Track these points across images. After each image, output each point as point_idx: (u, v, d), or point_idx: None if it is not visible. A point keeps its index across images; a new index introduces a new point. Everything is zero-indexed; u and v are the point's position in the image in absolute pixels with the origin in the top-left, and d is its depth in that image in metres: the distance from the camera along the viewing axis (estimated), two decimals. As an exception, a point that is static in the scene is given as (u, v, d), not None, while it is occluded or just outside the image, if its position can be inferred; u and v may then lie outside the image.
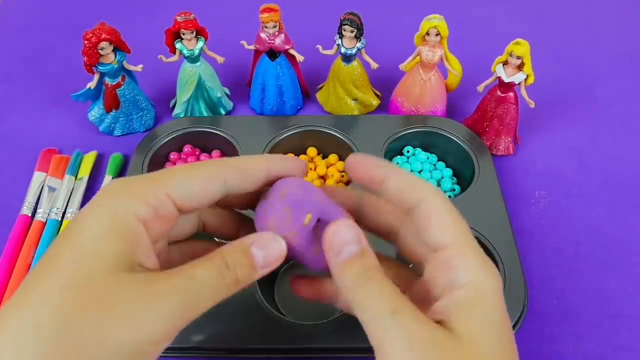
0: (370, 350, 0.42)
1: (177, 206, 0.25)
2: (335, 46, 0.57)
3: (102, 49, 0.53)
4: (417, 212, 0.25)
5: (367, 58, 0.58)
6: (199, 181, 0.25)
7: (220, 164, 0.26)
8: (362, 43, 0.56)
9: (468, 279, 0.24)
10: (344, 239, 0.24)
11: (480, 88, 0.56)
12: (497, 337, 0.23)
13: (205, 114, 0.60)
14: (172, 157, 0.56)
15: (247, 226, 0.31)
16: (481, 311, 0.23)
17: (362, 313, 0.24)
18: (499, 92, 0.55)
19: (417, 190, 0.25)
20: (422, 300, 0.25)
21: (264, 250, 0.25)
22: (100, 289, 0.21)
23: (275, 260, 0.26)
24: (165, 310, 0.22)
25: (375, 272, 0.24)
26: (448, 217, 0.25)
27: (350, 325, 0.42)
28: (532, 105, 0.55)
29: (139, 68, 0.57)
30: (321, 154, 0.58)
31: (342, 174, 0.55)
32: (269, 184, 0.28)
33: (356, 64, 0.58)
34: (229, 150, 0.56)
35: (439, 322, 0.24)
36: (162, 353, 0.43)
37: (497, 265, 0.45)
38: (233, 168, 0.26)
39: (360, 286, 0.24)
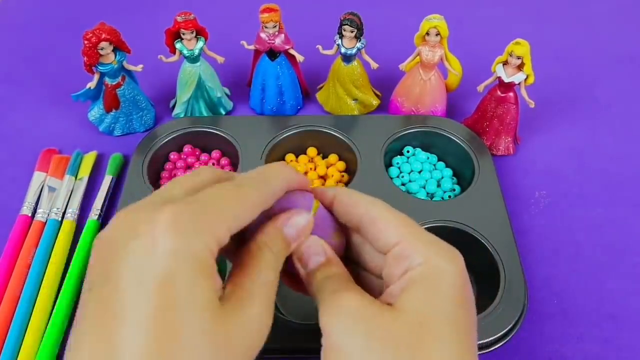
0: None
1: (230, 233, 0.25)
2: (335, 46, 0.57)
3: (102, 49, 0.53)
4: (363, 224, 0.28)
5: (367, 58, 0.58)
6: (249, 212, 0.25)
7: (264, 189, 0.26)
8: (362, 43, 0.56)
9: (419, 261, 0.25)
10: (310, 252, 0.27)
11: (480, 88, 0.56)
12: (443, 311, 0.24)
13: (205, 114, 0.60)
14: (172, 157, 0.56)
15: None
16: (429, 285, 0.25)
17: (333, 315, 0.26)
18: (499, 92, 0.55)
19: (355, 206, 0.28)
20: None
21: (296, 227, 0.27)
22: (214, 334, 0.22)
23: (304, 233, 0.28)
24: (260, 325, 0.25)
25: (342, 278, 0.27)
26: (392, 219, 0.27)
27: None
28: (532, 105, 0.55)
29: (139, 68, 0.57)
30: (321, 154, 0.58)
31: (342, 174, 0.55)
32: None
33: (356, 64, 0.58)
34: (229, 150, 0.56)
35: (389, 305, 0.25)
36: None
37: (497, 265, 0.45)
38: (273, 192, 0.27)
39: (326, 290, 0.26)
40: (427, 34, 0.54)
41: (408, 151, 0.57)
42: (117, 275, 0.21)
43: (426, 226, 0.48)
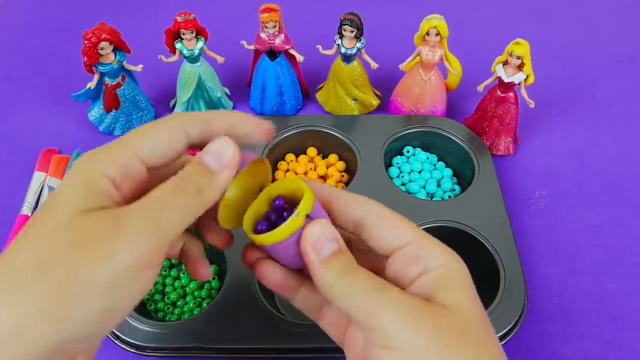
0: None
1: (145, 164, 0.25)
2: (335, 46, 0.57)
3: (102, 49, 0.53)
4: (366, 223, 0.27)
5: (367, 58, 0.58)
6: (161, 136, 0.25)
7: (181, 116, 0.26)
8: (362, 43, 0.56)
9: (439, 262, 0.26)
10: (325, 238, 0.26)
11: (480, 88, 0.56)
12: (477, 306, 0.25)
13: (205, 114, 0.60)
14: (172, 157, 0.56)
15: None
16: (459, 285, 0.25)
17: (348, 299, 0.25)
18: (499, 92, 0.55)
19: (357, 205, 0.28)
20: None
21: (214, 154, 0.26)
22: (70, 228, 0.22)
23: (230, 159, 0.26)
24: (135, 232, 0.22)
25: (354, 265, 0.26)
26: (397, 219, 0.27)
27: (350, 325, 0.42)
28: (532, 105, 0.55)
29: (139, 68, 0.57)
30: (321, 154, 0.58)
31: (342, 174, 0.55)
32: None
33: (356, 64, 0.58)
34: (229, 150, 0.56)
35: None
36: (162, 353, 0.43)
37: (497, 265, 0.45)
38: (194, 119, 0.26)
39: (343, 278, 0.25)
40: (427, 34, 0.54)
41: (408, 151, 0.57)
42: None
43: (426, 226, 0.48)
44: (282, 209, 0.28)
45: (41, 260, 0.21)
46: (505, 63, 0.53)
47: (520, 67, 0.52)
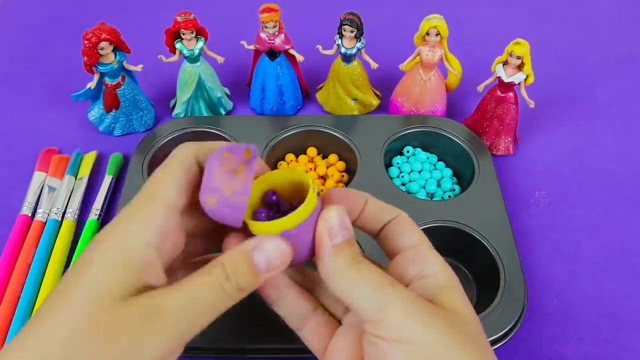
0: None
1: (177, 209, 0.25)
2: (335, 46, 0.57)
3: (102, 49, 0.53)
4: (391, 225, 0.29)
5: (367, 58, 0.58)
6: (177, 173, 0.26)
7: (185, 148, 0.27)
8: (362, 43, 0.56)
9: (437, 269, 0.27)
10: (341, 225, 0.26)
11: (480, 88, 0.56)
12: (474, 313, 0.27)
13: (205, 114, 0.60)
14: (172, 157, 0.56)
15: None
16: (458, 292, 0.27)
17: (356, 289, 0.25)
18: (499, 92, 0.55)
19: (392, 210, 0.29)
20: None
21: (265, 254, 0.25)
22: (105, 317, 0.22)
23: (279, 264, 0.25)
24: (166, 332, 0.23)
25: (363, 257, 0.26)
26: (414, 226, 0.29)
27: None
28: (532, 106, 0.55)
29: (139, 68, 0.57)
30: (321, 154, 0.58)
31: (342, 174, 0.55)
32: None
33: (356, 64, 0.58)
34: (229, 150, 0.56)
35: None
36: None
37: (497, 265, 0.45)
38: (200, 148, 0.27)
39: (352, 267, 0.25)
40: (427, 34, 0.54)
41: (408, 151, 0.57)
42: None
43: (426, 226, 0.48)
44: (275, 203, 0.27)
45: (73, 350, 0.21)
46: (505, 63, 0.53)
47: (520, 67, 0.52)
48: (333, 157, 0.56)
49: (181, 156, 0.26)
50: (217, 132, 0.56)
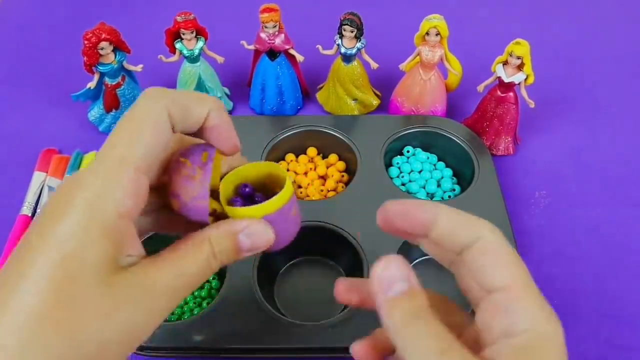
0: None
1: (146, 173, 0.24)
2: (335, 46, 0.57)
3: (102, 49, 0.53)
4: (472, 250, 0.23)
5: (367, 58, 0.58)
6: (151, 137, 0.24)
7: (159, 102, 0.24)
8: (362, 43, 0.56)
9: (527, 325, 0.22)
10: (393, 276, 0.23)
11: (480, 88, 0.56)
12: None
13: (205, 114, 0.60)
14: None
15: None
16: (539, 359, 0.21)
17: (408, 354, 0.22)
18: (499, 92, 0.55)
19: (472, 227, 0.24)
20: (475, 344, 0.23)
21: (253, 239, 0.25)
22: (80, 298, 0.21)
23: (261, 246, 0.26)
24: (157, 311, 0.23)
25: (424, 312, 0.22)
26: (506, 257, 0.23)
27: (350, 325, 0.42)
28: (532, 106, 0.55)
29: (139, 68, 0.57)
30: (321, 154, 0.58)
31: (342, 174, 0.55)
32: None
33: (356, 64, 0.58)
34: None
35: None
36: (162, 353, 0.43)
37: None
38: (176, 108, 0.24)
39: (407, 325, 0.22)
40: (427, 34, 0.54)
41: (408, 151, 0.57)
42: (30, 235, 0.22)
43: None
44: (249, 195, 0.28)
45: (76, 334, 0.20)
46: (505, 63, 0.53)
47: (520, 67, 0.52)
48: (333, 157, 0.56)
49: (154, 115, 0.24)
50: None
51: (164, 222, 0.28)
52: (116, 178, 0.22)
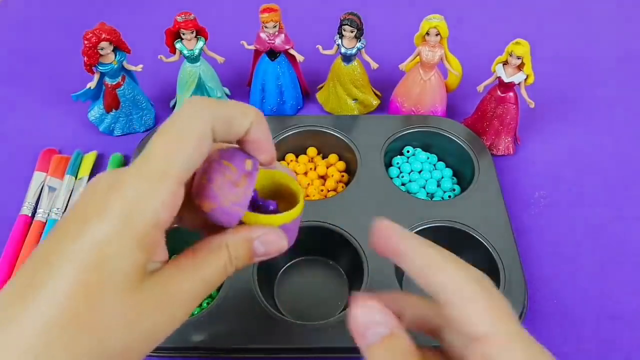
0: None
1: (185, 185, 0.24)
2: (335, 46, 0.57)
3: (102, 49, 0.53)
4: (445, 295, 0.22)
5: (367, 58, 0.58)
6: (193, 150, 0.24)
7: (204, 115, 0.24)
8: (362, 43, 0.56)
9: None
10: (369, 321, 0.23)
11: (480, 88, 0.56)
12: None
13: (205, 114, 0.60)
14: (172, 157, 0.56)
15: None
16: None
17: None
18: (499, 92, 0.55)
19: (440, 270, 0.23)
20: None
21: (267, 247, 0.26)
22: (108, 303, 0.21)
23: (274, 254, 0.27)
24: (178, 316, 0.23)
25: (408, 353, 0.22)
26: (484, 301, 0.22)
27: (350, 325, 0.42)
28: (532, 106, 0.55)
29: (139, 68, 0.57)
30: (321, 154, 0.58)
31: (342, 174, 0.55)
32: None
33: (356, 64, 0.58)
34: (229, 150, 0.56)
35: None
36: (162, 353, 0.43)
37: (497, 265, 0.45)
38: (220, 121, 0.24)
39: None
40: (427, 34, 0.54)
41: (408, 151, 0.57)
42: (63, 231, 0.22)
43: (426, 226, 0.48)
44: (255, 200, 0.28)
45: (102, 338, 0.21)
46: (505, 63, 0.53)
47: (520, 67, 0.52)
48: (333, 157, 0.56)
49: (199, 128, 0.24)
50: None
51: (188, 220, 0.28)
52: (156, 187, 0.22)
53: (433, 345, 0.25)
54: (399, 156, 0.57)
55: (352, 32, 0.54)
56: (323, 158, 0.57)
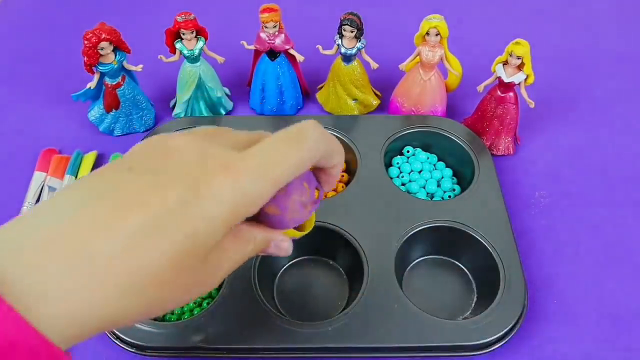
0: (369, 350, 0.42)
1: None
2: (335, 46, 0.57)
3: (102, 49, 0.53)
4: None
5: (367, 58, 0.58)
6: (302, 168, 0.28)
7: (323, 146, 0.29)
8: (362, 43, 0.56)
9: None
10: None
11: (480, 88, 0.56)
12: None
13: (205, 114, 0.60)
14: (172, 157, 0.56)
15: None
16: None
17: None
18: (499, 92, 0.55)
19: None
20: None
21: (277, 250, 0.31)
22: (184, 272, 0.24)
23: (278, 254, 0.31)
24: (215, 284, 0.28)
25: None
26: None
27: (350, 325, 0.42)
28: (532, 106, 0.55)
29: (139, 68, 0.57)
30: (321, 154, 0.58)
31: (342, 174, 0.55)
32: None
33: (356, 64, 0.58)
34: (229, 150, 0.56)
35: None
36: (162, 353, 0.43)
37: (497, 265, 0.45)
38: (327, 152, 0.29)
39: None
40: (427, 34, 0.54)
41: (408, 151, 0.57)
42: (165, 181, 0.24)
43: (426, 226, 0.48)
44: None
45: (166, 299, 0.25)
46: (505, 63, 0.53)
47: (520, 67, 0.52)
48: (333, 157, 0.56)
49: (317, 155, 0.28)
50: (217, 132, 0.56)
51: None
52: (264, 186, 0.26)
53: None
54: (399, 156, 0.57)
55: (352, 32, 0.54)
56: (323, 158, 0.57)
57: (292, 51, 0.58)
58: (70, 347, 0.22)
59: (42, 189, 0.54)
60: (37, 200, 0.53)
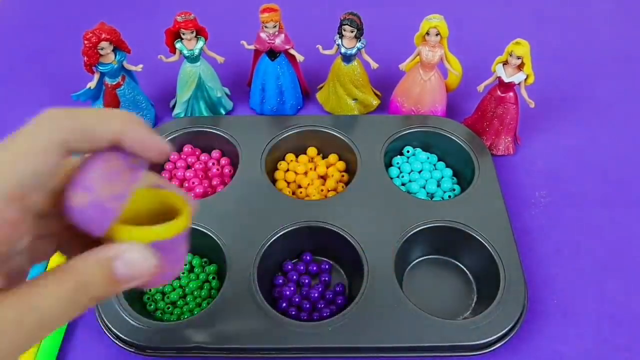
0: (369, 350, 0.42)
1: (32, 199, 0.21)
2: (335, 46, 0.57)
3: (102, 49, 0.53)
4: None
5: (367, 58, 0.58)
6: (37, 162, 0.22)
7: (53, 125, 0.23)
8: (362, 43, 0.56)
9: None
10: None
11: (480, 88, 0.56)
12: None
13: (205, 114, 0.60)
14: (172, 157, 0.56)
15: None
16: None
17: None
18: (499, 92, 0.55)
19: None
20: None
21: (129, 265, 0.22)
22: None
23: (142, 276, 0.23)
24: (5, 343, 0.20)
25: None
26: None
27: (350, 325, 0.42)
28: (532, 106, 0.55)
29: (139, 68, 0.57)
30: (321, 154, 0.58)
31: (342, 174, 0.55)
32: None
33: (356, 64, 0.58)
34: (229, 150, 0.56)
35: None
36: (162, 353, 0.43)
37: (497, 265, 0.45)
38: (72, 130, 0.23)
39: None
40: (427, 34, 0.54)
41: (408, 151, 0.57)
42: None
43: (426, 226, 0.48)
44: None
45: None
46: (505, 63, 0.53)
47: (520, 67, 0.52)
48: (333, 157, 0.56)
49: (41, 144, 0.23)
50: (217, 132, 0.56)
51: (66, 245, 0.26)
52: None
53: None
54: (399, 156, 0.57)
55: (352, 32, 0.54)
56: (323, 158, 0.57)
57: (292, 51, 0.58)
58: None
59: (42, 189, 0.53)
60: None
